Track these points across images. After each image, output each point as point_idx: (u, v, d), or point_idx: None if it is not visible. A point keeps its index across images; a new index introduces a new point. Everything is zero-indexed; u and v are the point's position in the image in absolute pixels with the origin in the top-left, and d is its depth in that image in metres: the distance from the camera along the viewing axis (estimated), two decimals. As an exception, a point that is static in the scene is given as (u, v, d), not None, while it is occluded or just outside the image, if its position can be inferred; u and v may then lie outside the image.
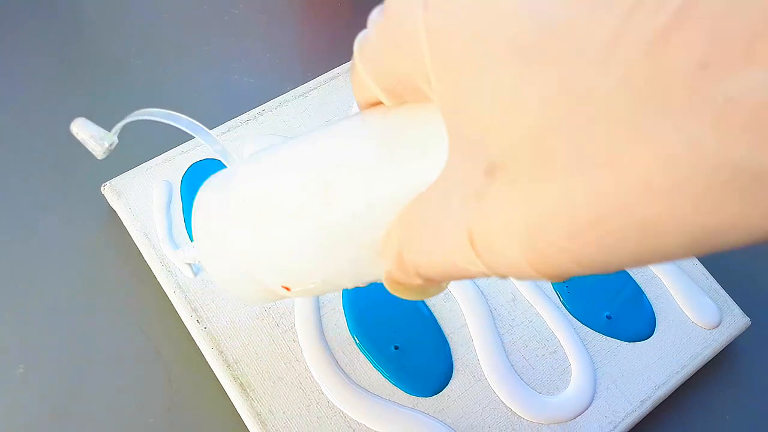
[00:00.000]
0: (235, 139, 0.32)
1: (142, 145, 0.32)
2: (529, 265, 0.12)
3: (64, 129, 0.33)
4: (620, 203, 0.11)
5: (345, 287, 0.19)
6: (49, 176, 0.32)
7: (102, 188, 0.31)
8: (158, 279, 0.29)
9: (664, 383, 0.30)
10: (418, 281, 0.16)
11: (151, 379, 0.30)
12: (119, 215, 0.30)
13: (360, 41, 0.16)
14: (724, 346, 0.32)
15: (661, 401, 0.30)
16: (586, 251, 0.11)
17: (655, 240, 0.11)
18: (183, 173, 0.31)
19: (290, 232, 0.18)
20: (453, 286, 0.31)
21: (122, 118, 0.25)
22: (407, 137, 0.16)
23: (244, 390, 0.28)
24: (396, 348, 0.29)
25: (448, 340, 0.30)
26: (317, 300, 0.30)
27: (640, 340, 0.31)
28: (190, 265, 0.29)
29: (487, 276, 0.14)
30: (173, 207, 0.31)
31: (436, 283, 0.17)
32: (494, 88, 0.12)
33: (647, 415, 0.30)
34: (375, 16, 0.15)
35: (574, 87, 0.11)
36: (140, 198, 0.31)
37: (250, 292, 0.20)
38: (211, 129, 0.32)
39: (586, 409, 0.29)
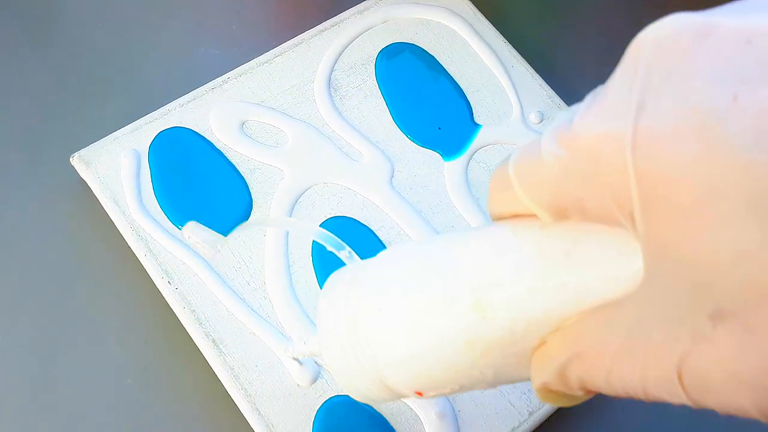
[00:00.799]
0: (200, 107, 0.33)
1: (110, 116, 0.33)
2: (757, 410, 0.13)
3: (31, 101, 0.33)
4: None
5: (481, 389, 0.20)
6: (19, 148, 0.33)
7: (71, 159, 0.31)
8: (129, 244, 0.30)
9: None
10: (580, 393, 0.17)
11: (127, 341, 0.30)
12: (89, 185, 0.31)
13: (520, 162, 0.16)
14: None
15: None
16: None
17: None
18: (150, 142, 0.32)
19: (434, 345, 0.18)
20: (421, 239, 0.31)
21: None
22: (577, 254, 0.16)
23: (217, 346, 0.28)
24: (365, 301, 0.30)
25: (417, 293, 0.31)
26: (287, 259, 0.30)
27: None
28: (298, 360, 0.28)
29: (681, 404, 0.15)
30: (142, 175, 0.31)
31: (594, 394, 0.17)
32: (734, 240, 0.12)
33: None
34: (551, 144, 0.15)
35: None
36: (109, 167, 0.31)
37: (375, 394, 0.20)
38: (176, 98, 0.33)
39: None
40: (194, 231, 0.23)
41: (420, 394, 0.19)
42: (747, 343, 0.13)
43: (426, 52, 0.36)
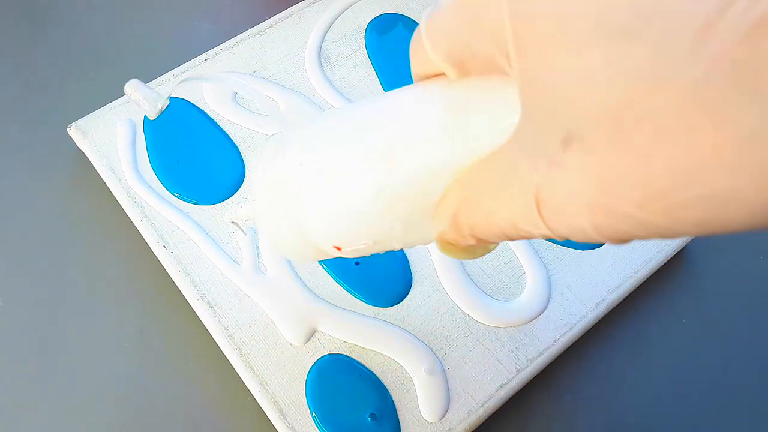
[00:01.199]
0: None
1: (106, 87, 0.34)
2: (594, 230, 0.14)
3: (30, 74, 0.34)
4: (693, 177, 0.12)
5: (393, 248, 0.20)
6: (18, 120, 0.33)
7: (68, 129, 0.32)
8: (125, 210, 0.31)
9: (618, 287, 0.31)
10: (471, 242, 0.17)
11: (124, 305, 0.31)
12: (86, 153, 0.32)
13: (428, 18, 0.17)
14: (676, 251, 0.33)
15: (615, 304, 0.31)
16: (654, 219, 0.13)
17: (720, 212, 0.12)
18: (145, 112, 0.33)
19: (349, 196, 0.19)
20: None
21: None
22: (473, 106, 0.17)
23: (212, 307, 0.29)
24: (357, 264, 0.31)
25: (407, 255, 0.31)
26: (278, 222, 0.31)
27: (594, 248, 0.32)
28: (237, 224, 0.28)
29: (545, 237, 0.15)
30: (137, 143, 0.32)
31: (486, 244, 0.18)
32: (580, 66, 0.13)
33: (604, 319, 0.32)
34: None
35: (661, 69, 0.12)
36: (105, 136, 0.32)
37: (301, 252, 0.21)
38: (170, 70, 0.34)
39: (542, 312, 0.31)
40: (136, 88, 0.23)
41: (339, 249, 0.20)
42: (587, 164, 0.13)
43: (414, 21, 0.36)
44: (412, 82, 0.36)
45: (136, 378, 0.30)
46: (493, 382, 0.29)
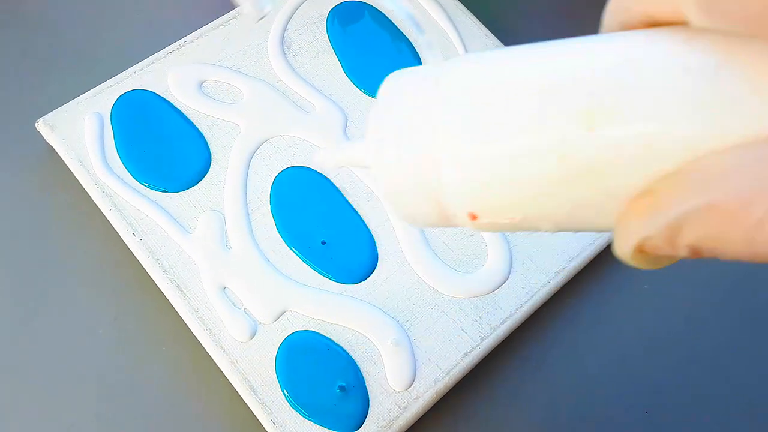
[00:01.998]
0: (159, 70, 0.34)
1: (73, 82, 0.34)
2: None
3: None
4: None
5: (540, 230, 0.16)
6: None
7: (36, 124, 0.33)
8: (95, 201, 0.31)
9: (577, 255, 0.32)
10: (683, 255, 0.13)
11: (97, 293, 0.32)
12: (55, 147, 0.32)
13: None
14: None
15: (576, 272, 0.32)
16: None
17: None
18: (112, 104, 0.33)
19: (516, 152, 0.14)
20: (375, 186, 0.33)
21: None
22: (730, 78, 0.13)
23: (182, 291, 0.30)
24: (323, 243, 0.31)
25: (373, 233, 0.32)
26: (246, 207, 0.32)
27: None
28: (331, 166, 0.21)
29: None
30: (105, 136, 0.33)
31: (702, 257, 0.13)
32: None
33: (567, 287, 0.33)
34: None
35: None
36: (73, 130, 0.33)
37: (422, 212, 0.17)
38: (134, 63, 0.34)
39: (504, 282, 0.31)
40: None
41: (474, 217, 0.16)
42: None
43: (375, 8, 0.37)
44: (373, 68, 0.37)
45: (112, 364, 0.30)
46: (458, 351, 0.30)
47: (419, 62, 0.36)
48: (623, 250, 0.14)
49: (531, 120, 0.14)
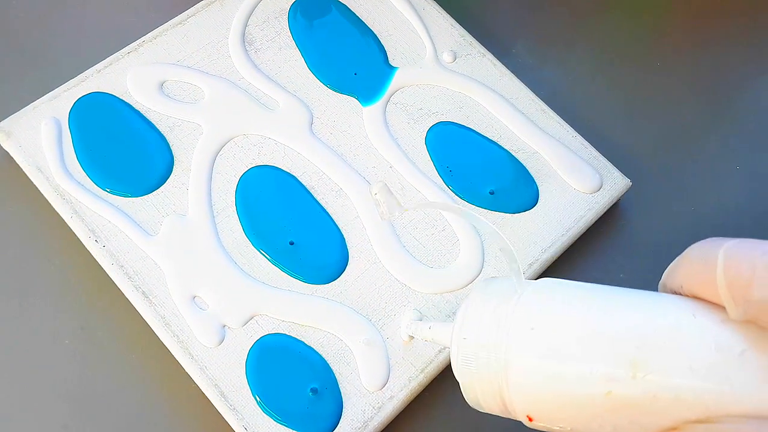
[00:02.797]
0: (117, 72, 0.33)
1: (29, 87, 0.33)
2: None
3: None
4: None
5: None
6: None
7: (-9, 131, 0.32)
8: (55, 208, 0.31)
9: (550, 246, 0.32)
10: None
11: (62, 302, 0.31)
12: (11, 155, 0.32)
13: (735, 252, 0.17)
14: (606, 208, 0.34)
15: (549, 263, 0.32)
16: None
17: None
18: (70, 109, 0.32)
19: (573, 380, 0.18)
20: (344, 183, 0.32)
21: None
22: (753, 360, 0.17)
23: (147, 297, 0.29)
24: (291, 243, 0.31)
25: (342, 232, 0.32)
26: (211, 209, 0.31)
27: (524, 211, 0.33)
28: (411, 337, 0.29)
29: None
30: (63, 141, 0.32)
31: None
32: None
33: (540, 276, 0.32)
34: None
35: None
36: (30, 136, 0.32)
37: (487, 401, 0.21)
38: (93, 65, 0.33)
39: (476, 277, 0.31)
40: (381, 191, 0.24)
41: (531, 419, 0.20)
42: None
43: (338, 1, 0.36)
44: (337, 62, 0.36)
45: (80, 373, 0.30)
46: (431, 348, 0.29)
47: (385, 57, 0.35)
48: None
49: (589, 354, 0.18)
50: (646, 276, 0.34)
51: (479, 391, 0.21)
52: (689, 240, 0.21)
